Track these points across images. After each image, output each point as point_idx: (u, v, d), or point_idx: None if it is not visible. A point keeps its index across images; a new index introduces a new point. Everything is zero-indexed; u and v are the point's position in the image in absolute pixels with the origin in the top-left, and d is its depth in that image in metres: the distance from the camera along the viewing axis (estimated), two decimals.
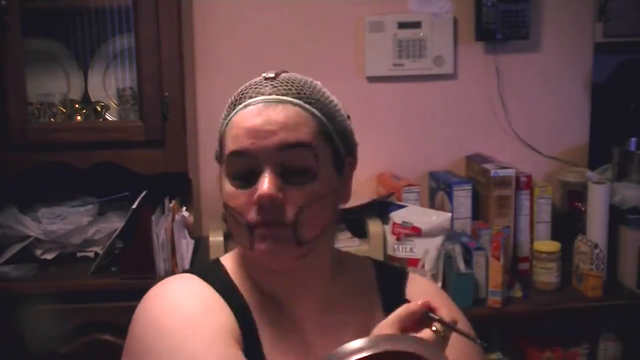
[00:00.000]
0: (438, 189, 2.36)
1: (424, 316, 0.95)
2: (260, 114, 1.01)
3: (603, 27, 2.47)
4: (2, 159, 2.04)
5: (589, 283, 2.11)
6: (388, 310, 1.12)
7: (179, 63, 2.07)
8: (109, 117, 2.26)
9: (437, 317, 0.95)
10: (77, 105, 2.26)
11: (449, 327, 0.95)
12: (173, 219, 2.10)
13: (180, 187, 2.22)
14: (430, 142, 2.48)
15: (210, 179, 2.38)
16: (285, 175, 1.00)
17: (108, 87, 2.29)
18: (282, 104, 1.02)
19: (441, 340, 0.94)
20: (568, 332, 2.23)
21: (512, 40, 2.43)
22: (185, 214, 2.17)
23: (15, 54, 2.01)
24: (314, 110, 1.04)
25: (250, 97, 1.04)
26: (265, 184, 0.99)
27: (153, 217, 2.01)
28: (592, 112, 2.53)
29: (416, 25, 2.40)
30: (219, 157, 1.09)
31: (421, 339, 0.90)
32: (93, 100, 2.27)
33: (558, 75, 2.50)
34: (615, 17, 2.46)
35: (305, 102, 1.04)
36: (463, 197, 2.26)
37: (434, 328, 0.94)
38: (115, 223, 2.15)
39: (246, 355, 0.99)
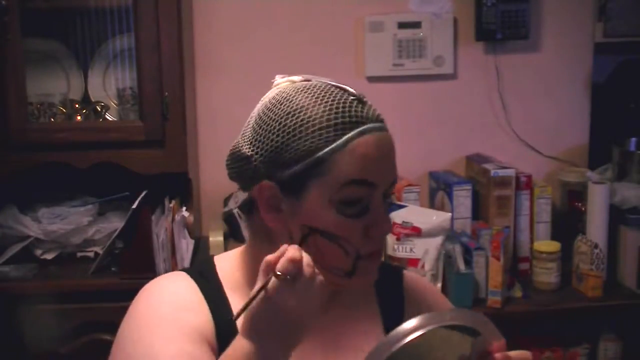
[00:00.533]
0: (438, 189, 2.36)
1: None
2: (379, 144, 1.01)
3: (603, 27, 2.47)
4: (2, 159, 2.04)
5: (589, 283, 2.11)
6: (384, 307, 1.14)
7: (179, 63, 2.07)
8: (109, 117, 2.26)
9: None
10: (77, 105, 2.26)
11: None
12: (173, 219, 2.10)
13: (180, 187, 2.22)
14: (430, 142, 2.49)
15: (210, 179, 2.39)
16: (383, 202, 1.04)
17: (108, 87, 2.29)
18: (387, 133, 1.04)
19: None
20: (568, 332, 2.23)
21: (512, 40, 2.43)
22: (185, 214, 2.18)
23: (15, 54, 2.01)
24: None
25: (362, 123, 1.00)
26: (387, 217, 1.03)
27: (153, 217, 2.01)
28: (592, 112, 2.53)
29: (416, 25, 2.40)
30: (291, 179, 0.99)
31: (475, 313, 0.92)
32: (93, 100, 2.27)
33: (558, 75, 2.51)
34: (615, 17, 2.46)
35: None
36: (463, 197, 2.26)
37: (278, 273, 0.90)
38: (115, 223, 2.15)
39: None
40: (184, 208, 2.19)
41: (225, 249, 2.12)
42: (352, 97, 1.01)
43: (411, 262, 2.07)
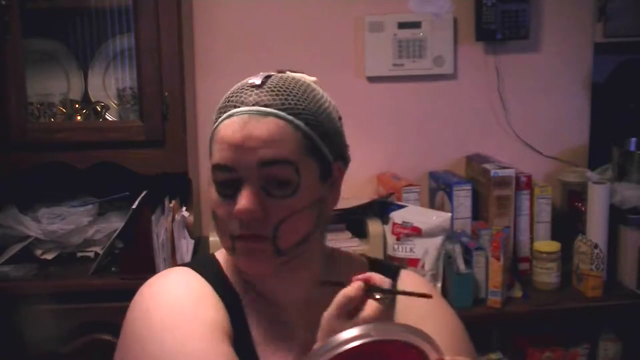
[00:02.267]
0: (438, 189, 2.36)
1: (365, 293, 0.94)
2: (242, 129, 1.01)
3: (603, 27, 2.47)
4: (2, 159, 2.04)
5: (589, 283, 2.11)
6: None
7: (179, 63, 2.07)
8: (109, 117, 2.26)
9: (377, 287, 0.94)
10: (77, 105, 2.26)
11: (389, 291, 0.95)
12: (173, 219, 2.10)
13: (180, 187, 2.22)
14: (430, 142, 2.48)
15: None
16: (267, 188, 1.01)
17: (108, 87, 2.29)
18: (264, 117, 1.01)
19: (387, 307, 0.94)
20: (568, 332, 2.23)
21: (512, 40, 2.43)
22: (185, 214, 2.17)
23: (15, 54, 2.01)
24: (298, 122, 1.02)
25: (235, 107, 1.03)
26: (244, 201, 1.00)
27: (153, 217, 2.01)
28: (592, 112, 2.53)
29: (416, 25, 2.40)
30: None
31: (414, 328, 0.88)
32: (93, 100, 2.27)
33: (558, 75, 2.51)
34: (615, 17, 2.46)
35: (289, 114, 1.02)
36: (463, 197, 2.26)
37: (377, 296, 0.94)
38: (115, 223, 2.15)
39: (237, 350, 1.00)
40: (184, 208, 2.19)
41: None
42: (251, 82, 1.05)
43: (411, 262, 2.07)
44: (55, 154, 2.06)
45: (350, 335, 0.84)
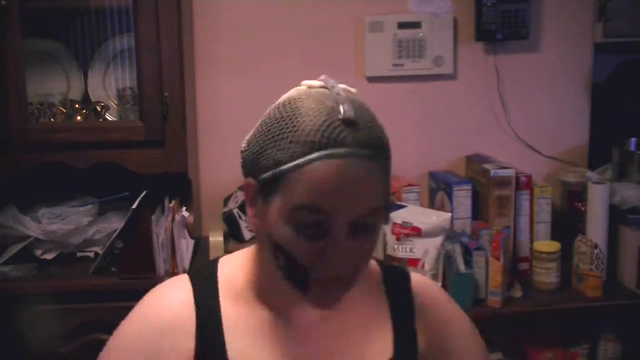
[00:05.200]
0: (438, 189, 2.36)
1: None
2: (343, 175, 0.92)
3: (603, 27, 2.47)
4: (2, 159, 2.04)
5: (589, 283, 2.11)
6: (394, 312, 1.13)
7: (179, 63, 2.07)
8: (109, 117, 2.26)
9: None
10: (77, 105, 2.26)
11: None
12: (173, 219, 2.10)
13: (180, 187, 2.22)
14: (430, 142, 2.49)
15: (210, 179, 2.39)
16: (353, 233, 0.96)
17: (108, 87, 2.29)
18: (362, 162, 0.93)
19: None
20: (568, 332, 2.24)
21: (512, 40, 2.43)
22: (185, 214, 2.17)
23: (15, 54, 2.01)
24: (386, 161, 0.97)
25: (328, 144, 0.92)
26: (341, 256, 0.95)
27: (153, 217, 2.01)
28: (592, 112, 2.53)
29: (416, 25, 2.40)
30: (264, 184, 0.98)
31: None
32: (93, 100, 2.27)
33: (558, 75, 2.51)
34: (615, 17, 2.46)
35: (380, 153, 0.96)
36: (463, 197, 2.26)
37: None
38: (115, 223, 2.15)
39: None
40: (184, 208, 2.19)
41: (225, 249, 2.12)
42: (339, 117, 0.93)
43: (411, 262, 2.07)
44: (55, 154, 2.06)
45: None
